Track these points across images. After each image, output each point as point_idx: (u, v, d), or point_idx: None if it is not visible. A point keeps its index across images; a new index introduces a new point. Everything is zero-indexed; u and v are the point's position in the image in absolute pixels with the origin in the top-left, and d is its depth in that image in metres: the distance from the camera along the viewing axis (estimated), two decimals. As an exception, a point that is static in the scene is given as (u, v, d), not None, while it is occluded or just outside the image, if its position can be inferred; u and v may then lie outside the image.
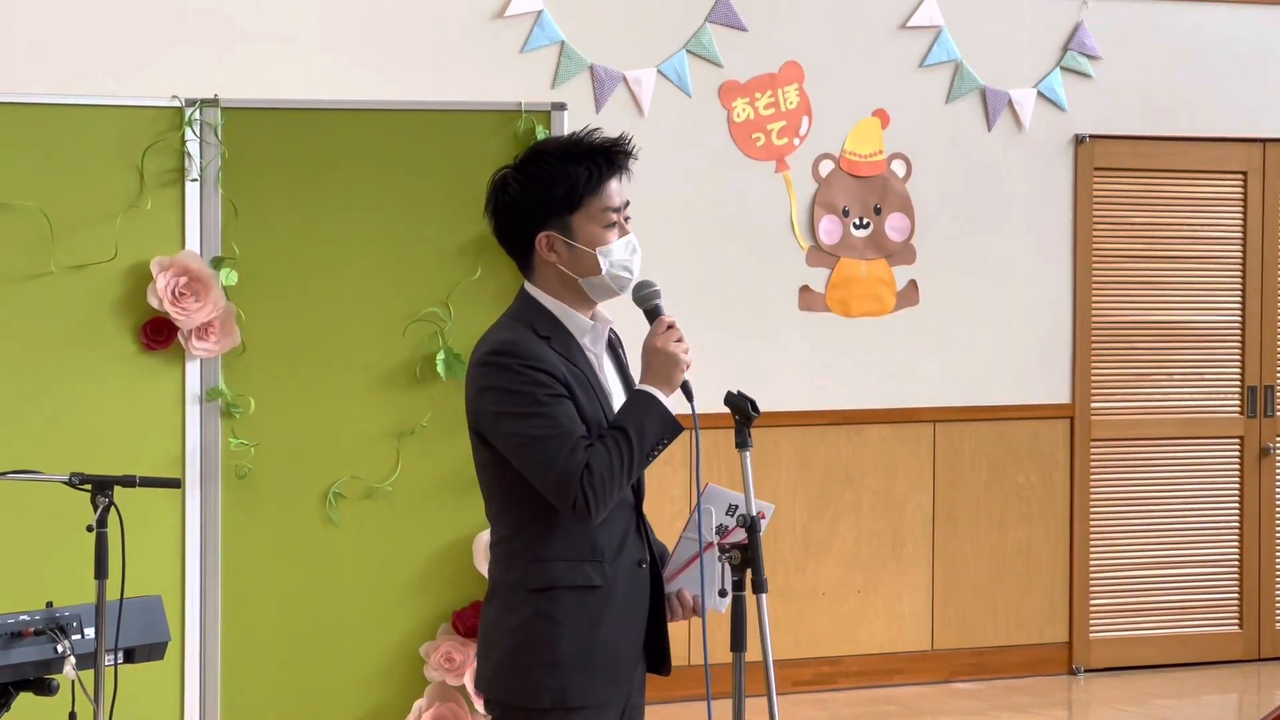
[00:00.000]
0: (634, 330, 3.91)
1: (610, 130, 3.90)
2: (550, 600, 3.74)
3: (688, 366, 3.76)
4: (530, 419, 3.69)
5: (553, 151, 3.82)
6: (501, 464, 3.77)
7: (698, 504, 3.87)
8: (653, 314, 3.81)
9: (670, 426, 3.73)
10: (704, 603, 3.85)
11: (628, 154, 3.83)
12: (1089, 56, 8.68)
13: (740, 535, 3.72)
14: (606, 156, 3.80)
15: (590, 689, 3.75)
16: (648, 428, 3.71)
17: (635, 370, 3.92)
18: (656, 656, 3.88)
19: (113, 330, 5.56)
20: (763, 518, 3.76)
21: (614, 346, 3.97)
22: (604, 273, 3.79)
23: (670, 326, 3.78)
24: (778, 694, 3.70)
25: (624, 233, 3.82)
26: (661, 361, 3.75)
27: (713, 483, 3.88)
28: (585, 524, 3.71)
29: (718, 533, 3.76)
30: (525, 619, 3.75)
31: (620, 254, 3.80)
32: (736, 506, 3.81)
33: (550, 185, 3.78)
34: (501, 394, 3.72)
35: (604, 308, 3.90)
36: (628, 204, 3.84)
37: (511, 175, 3.82)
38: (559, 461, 3.66)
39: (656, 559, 3.88)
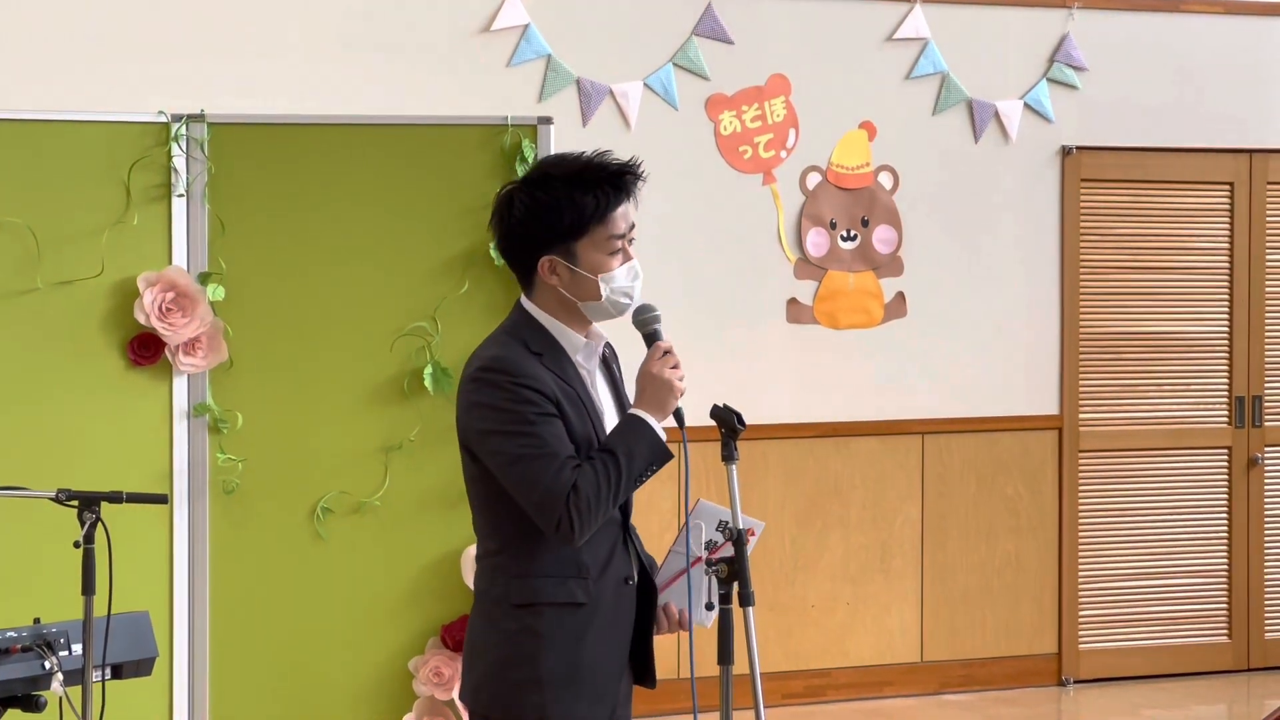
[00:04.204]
0: (630, 346, 3.91)
1: (600, 145, 3.89)
2: (535, 616, 3.73)
3: (681, 393, 3.76)
4: (518, 437, 3.68)
5: (562, 177, 3.76)
6: (490, 479, 3.76)
7: (686, 520, 3.87)
8: (651, 339, 3.82)
9: (660, 453, 3.73)
10: (690, 618, 3.86)
11: (637, 178, 3.80)
12: (1075, 68, 8.69)
13: (728, 549, 3.72)
14: (615, 184, 3.76)
15: (574, 706, 3.74)
16: (636, 453, 3.70)
17: (629, 387, 3.93)
18: (641, 669, 3.89)
19: (100, 346, 5.56)
20: (752, 535, 3.76)
21: (608, 362, 3.95)
22: (604, 298, 3.78)
23: (667, 352, 3.78)
24: (766, 707, 3.70)
25: (627, 258, 3.79)
26: (656, 387, 3.75)
27: (703, 498, 3.88)
28: (568, 544, 3.70)
29: (707, 548, 3.76)
30: (510, 634, 3.75)
31: (622, 280, 3.78)
32: (726, 522, 3.80)
33: (557, 213, 3.73)
34: (490, 411, 3.71)
35: (601, 324, 3.90)
36: (633, 227, 3.81)
37: (519, 195, 3.78)
38: (544, 481, 3.65)
39: (647, 570, 3.88)
